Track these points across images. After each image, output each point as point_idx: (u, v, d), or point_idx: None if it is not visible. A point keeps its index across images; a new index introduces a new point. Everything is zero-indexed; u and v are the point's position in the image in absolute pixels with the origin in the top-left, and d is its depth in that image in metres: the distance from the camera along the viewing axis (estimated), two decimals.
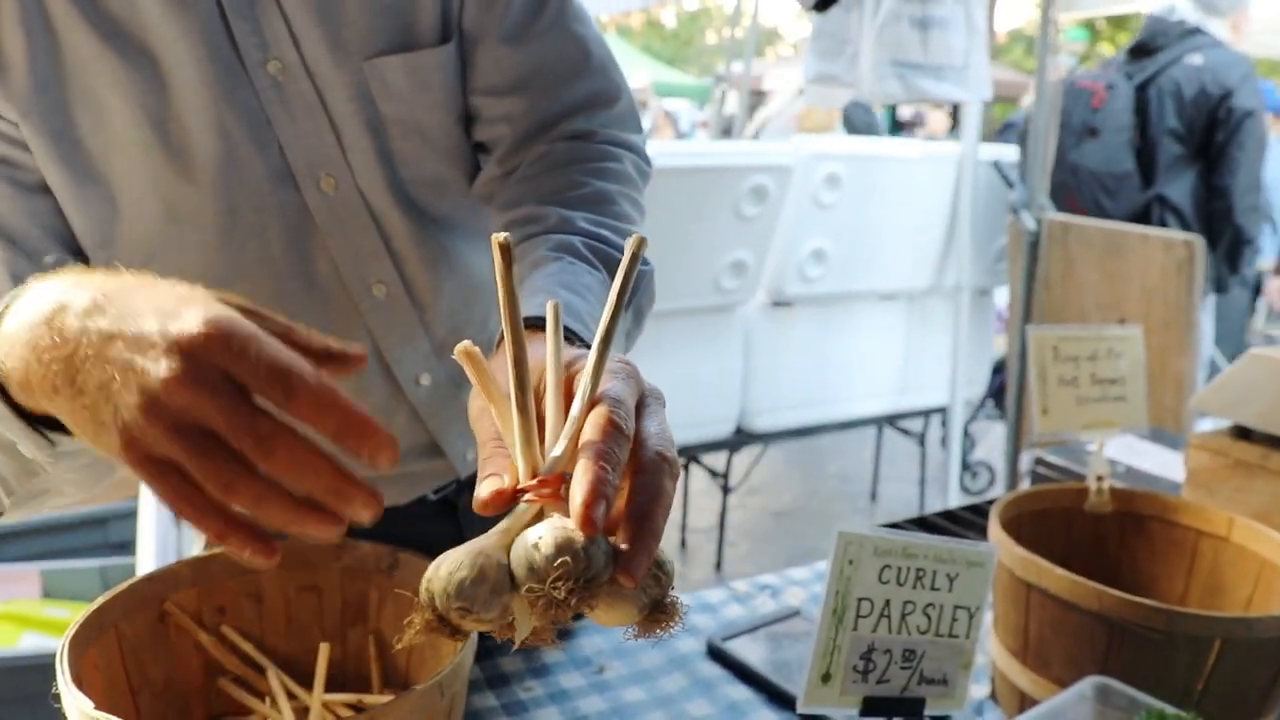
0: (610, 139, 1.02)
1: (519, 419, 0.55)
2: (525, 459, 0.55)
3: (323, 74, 0.93)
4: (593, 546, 0.51)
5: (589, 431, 0.54)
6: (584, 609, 0.53)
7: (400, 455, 1.09)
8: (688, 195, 3.40)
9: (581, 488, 0.51)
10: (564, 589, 0.50)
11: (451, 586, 0.51)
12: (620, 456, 0.53)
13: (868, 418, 4.47)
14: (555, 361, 0.59)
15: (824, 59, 3.76)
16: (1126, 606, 0.96)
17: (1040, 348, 1.25)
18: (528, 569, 0.51)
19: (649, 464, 0.54)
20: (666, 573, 0.55)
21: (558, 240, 0.87)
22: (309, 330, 0.59)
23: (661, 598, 0.55)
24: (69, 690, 0.78)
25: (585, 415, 0.55)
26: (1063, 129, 3.83)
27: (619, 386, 0.56)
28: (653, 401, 0.59)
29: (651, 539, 0.52)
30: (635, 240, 0.56)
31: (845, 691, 0.79)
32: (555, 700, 1.15)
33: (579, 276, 0.82)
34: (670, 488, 0.55)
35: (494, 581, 0.52)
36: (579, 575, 0.50)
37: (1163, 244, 3.18)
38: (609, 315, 0.56)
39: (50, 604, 2.52)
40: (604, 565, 0.51)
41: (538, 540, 0.51)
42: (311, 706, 1.00)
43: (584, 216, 0.91)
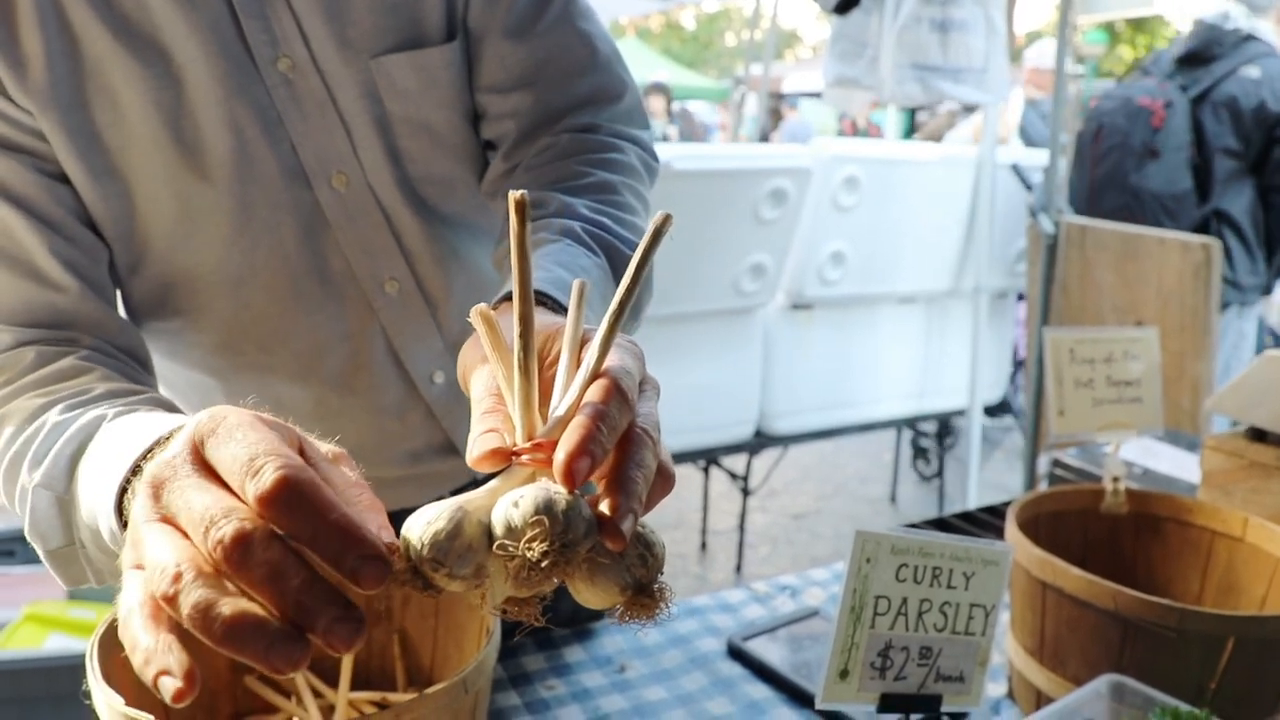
0: (615, 132, 1.03)
1: (520, 380, 0.54)
2: (524, 421, 0.54)
3: (332, 71, 0.95)
4: (572, 511, 0.49)
5: (592, 394, 0.53)
6: (562, 578, 0.51)
7: (417, 456, 1.11)
8: (707, 198, 3.41)
9: (569, 441, 0.50)
10: (539, 550, 0.48)
11: (426, 538, 0.50)
12: (618, 422, 0.52)
13: (887, 420, 4.47)
14: (573, 333, 0.58)
15: (843, 61, 3.77)
16: (1141, 605, 0.97)
17: (1057, 350, 1.26)
18: (505, 527, 0.49)
19: (636, 437, 0.54)
20: (655, 555, 0.54)
21: (559, 225, 0.87)
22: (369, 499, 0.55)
23: (648, 581, 0.53)
24: (100, 687, 0.79)
25: (589, 384, 0.54)
26: (1120, 150, 3.81)
27: (628, 360, 0.56)
28: (649, 388, 0.59)
29: (635, 503, 0.51)
30: (661, 217, 0.55)
31: (863, 688, 0.80)
32: (577, 699, 1.16)
33: (577, 259, 0.82)
34: (654, 465, 0.54)
35: (470, 538, 0.50)
36: (556, 537, 0.48)
37: (1180, 247, 3.17)
38: (624, 289, 0.55)
39: (75, 605, 2.54)
40: (584, 533, 0.49)
41: (518, 499, 0.50)
42: (337, 704, 1.02)
43: (586, 204, 0.92)
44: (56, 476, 0.75)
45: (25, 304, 0.89)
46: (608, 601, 0.53)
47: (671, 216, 0.54)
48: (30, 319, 0.89)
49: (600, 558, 0.52)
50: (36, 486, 0.76)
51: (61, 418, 0.77)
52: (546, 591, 0.53)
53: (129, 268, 0.98)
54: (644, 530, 0.54)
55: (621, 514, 0.50)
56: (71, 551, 0.77)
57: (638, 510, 0.51)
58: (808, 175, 3.61)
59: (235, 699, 1.03)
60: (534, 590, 0.52)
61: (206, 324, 0.99)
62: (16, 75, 0.86)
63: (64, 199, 0.92)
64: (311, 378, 1.04)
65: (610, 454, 0.53)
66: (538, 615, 0.54)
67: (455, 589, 0.51)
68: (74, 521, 0.74)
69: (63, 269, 0.90)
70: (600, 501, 0.51)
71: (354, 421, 1.06)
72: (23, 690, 2.13)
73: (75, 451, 0.74)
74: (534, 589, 0.52)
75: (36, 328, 0.89)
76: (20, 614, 2.45)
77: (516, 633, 0.58)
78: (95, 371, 0.85)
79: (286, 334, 1.01)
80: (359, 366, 1.04)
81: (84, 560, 0.77)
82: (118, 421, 0.71)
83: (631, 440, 0.54)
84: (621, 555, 0.52)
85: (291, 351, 1.02)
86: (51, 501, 0.75)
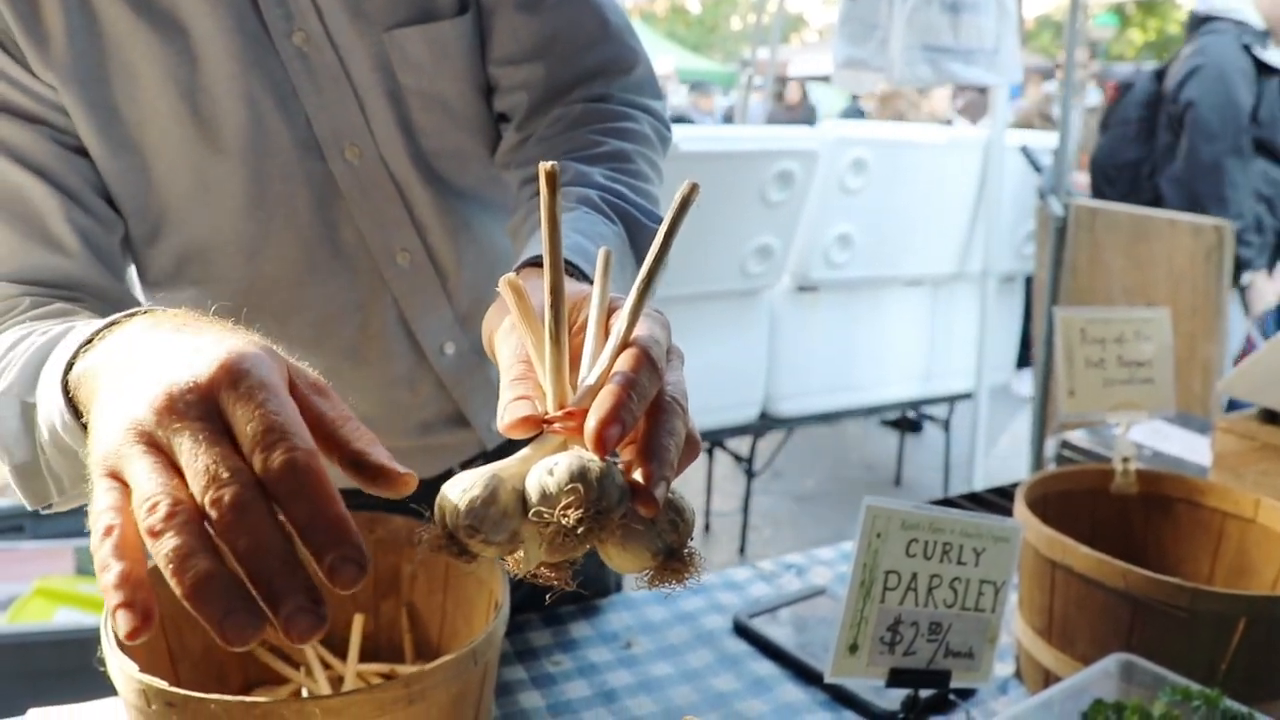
0: (627, 101, 1.03)
1: (551, 348, 0.54)
2: (555, 389, 0.54)
3: (345, 45, 0.95)
4: (607, 478, 0.50)
5: (622, 363, 0.53)
6: (595, 543, 0.52)
7: (427, 427, 1.11)
8: (714, 180, 3.40)
9: (600, 409, 0.50)
10: (574, 516, 0.49)
11: (462, 505, 0.51)
12: (648, 390, 0.53)
13: (892, 403, 4.47)
14: (600, 302, 0.59)
15: (852, 43, 3.75)
16: (1151, 584, 0.97)
17: (1068, 329, 1.25)
18: (540, 494, 0.50)
19: (666, 405, 0.54)
20: (686, 520, 0.55)
21: (576, 193, 0.87)
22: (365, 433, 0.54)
23: (679, 546, 0.54)
24: (115, 655, 0.80)
25: (619, 352, 0.55)
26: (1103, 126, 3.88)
27: (656, 330, 0.56)
28: (675, 358, 0.59)
29: (668, 470, 0.52)
30: (688, 186, 0.55)
31: (872, 662, 0.80)
32: (584, 674, 1.16)
33: (595, 226, 0.83)
34: (683, 433, 0.55)
35: (505, 505, 0.51)
36: (590, 504, 0.49)
37: (1191, 229, 3.15)
38: (653, 258, 0.55)
39: (83, 580, 2.56)
40: (617, 500, 0.50)
41: (552, 466, 0.50)
42: (346, 676, 1.02)
43: (601, 172, 0.92)
44: (21, 382, 0.75)
45: (33, 265, 0.90)
46: (639, 566, 0.54)
47: (698, 186, 0.54)
48: (35, 278, 0.90)
49: (633, 524, 0.52)
50: (1, 393, 0.76)
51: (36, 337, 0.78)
52: (578, 557, 0.54)
53: (145, 239, 0.99)
54: (674, 496, 0.55)
55: (654, 481, 0.51)
56: (35, 466, 0.77)
57: (669, 477, 0.52)
58: (815, 157, 3.60)
59: (245, 670, 1.04)
60: (566, 556, 0.53)
61: (221, 294, 1.00)
62: (39, 50, 0.86)
63: (82, 170, 0.93)
64: (324, 347, 1.04)
65: (640, 421, 0.53)
66: (568, 580, 0.55)
67: (490, 555, 0.52)
68: (36, 425, 0.73)
69: (74, 235, 0.91)
70: (633, 469, 0.52)
71: (365, 391, 1.07)
72: (33, 663, 2.15)
73: (41, 359, 0.74)
74: (567, 555, 0.53)
75: (39, 285, 0.90)
76: (30, 588, 2.46)
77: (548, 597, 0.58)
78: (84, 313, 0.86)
79: (300, 304, 1.02)
80: (370, 337, 1.05)
81: (46, 472, 0.77)
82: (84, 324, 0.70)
83: (662, 409, 0.54)
84: (653, 521, 0.53)
85: (304, 321, 1.02)
86: (17, 410, 0.76)
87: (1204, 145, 3.75)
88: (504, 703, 1.11)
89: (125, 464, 0.49)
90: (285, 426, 0.48)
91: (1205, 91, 3.73)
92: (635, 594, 1.35)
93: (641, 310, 0.56)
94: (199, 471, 0.47)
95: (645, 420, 0.54)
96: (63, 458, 0.72)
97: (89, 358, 0.61)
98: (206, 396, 0.50)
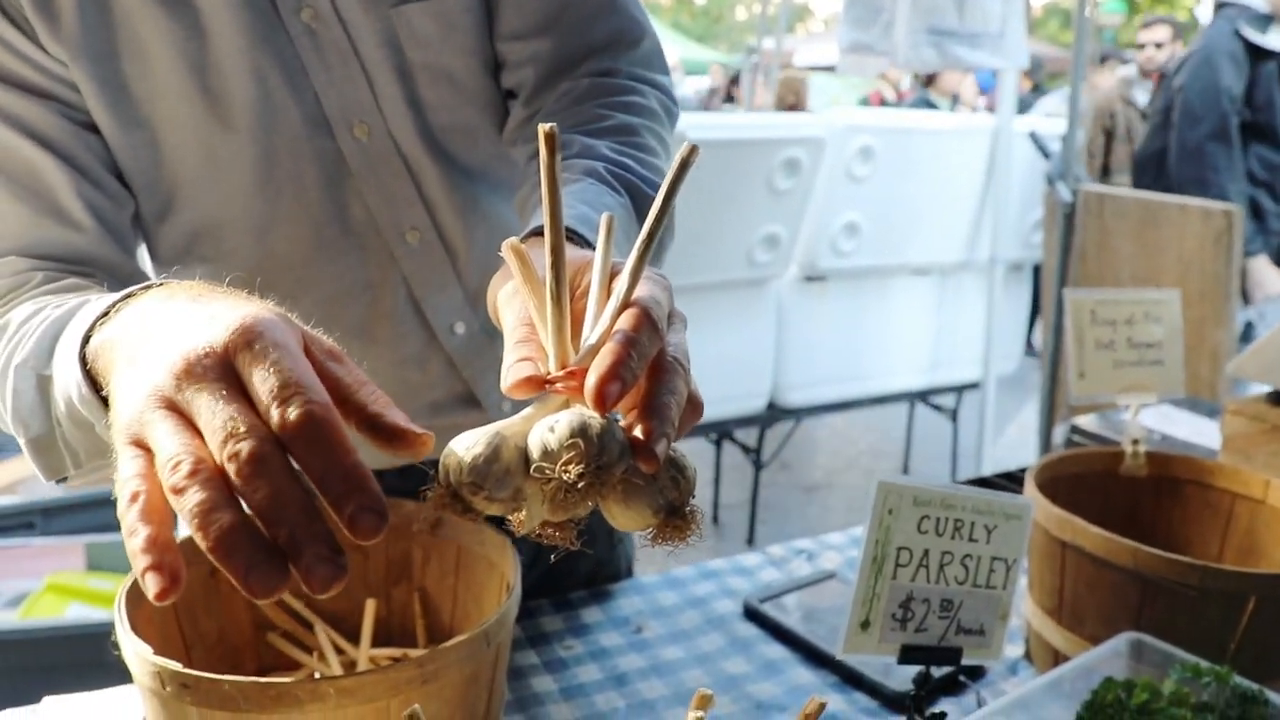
0: (634, 76, 1.03)
1: (553, 309, 0.55)
2: (557, 350, 0.55)
3: (353, 21, 0.95)
4: (607, 434, 0.50)
5: (622, 322, 0.54)
6: (597, 501, 0.53)
7: (438, 407, 1.12)
8: (720, 168, 3.40)
9: (600, 366, 0.51)
10: (574, 471, 0.49)
11: (465, 462, 0.51)
12: (648, 349, 0.53)
13: (900, 393, 4.46)
14: (602, 265, 0.59)
15: (858, 28, 3.73)
16: (1161, 563, 0.97)
17: (1078, 311, 1.25)
18: (542, 450, 0.51)
19: (668, 365, 0.55)
20: (687, 478, 0.55)
21: (582, 165, 0.88)
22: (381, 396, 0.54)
23: (680, 503, 0.54)
24: (129, 639, 0.80)
25: (620, 312, 0.55)
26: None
27: (657, 291, 0.57)
28: (677, 320, 0.60)
29: (669, 427, 0.52)
30: (687, 148, 0.55)
31: (884, 639, 0.80)
32: (595, 658, 1.17)
33: (601, 197, 0.83)
34: (685, 392, 0.55)
35: (508, 462, 0.52)
36: (591, 459, 0.49)
37: (1201, 214, 3.14)
38: (653, 219, 0.56)
39: (94, 576, 2.57)
40: (618, 456, 0.50)
41: (554, 424, 0.51)
42: (358, 660, 1.03)
43: (608, 145, 0.92)
44: (37, 355, 0.76)
45: (44, 240, 0.90)
46: (641, 524, 0.54)
47: (698, 148, 0.55)
48: (47, 253, 0.90)
49: (635, 480, 0.53)
50: (18, 366, 0.77)
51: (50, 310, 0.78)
52: (581, 516, 0.54)
53: (156, 216, 1.00)
54: (675, 454, 0.55)
55: (655, 437, 0.51)
56: (51, 438, 0.78)
57: (670, 434, 0.52)
58: (821, 145, 3.59)
59: (259, 654, 1.04)
60: (569, 514, 0.53)
61: (231, 271, 1.00)
62: (50, 25, 0.87)
63: (93, 146, 0.93)
64: (334, 326, 1.04)
65: (641, 380, 0.53)
66: (572, 539, 0.55)
67: (493, 512, 0.53)
68: (52, 397, 0.74)
69: (85, 210, 0.91)
70: (634, 426, 0.52)
71: (376, 371, 1.07)
72: (45, 659, 2.16)
73: (57, 332, 0.74)
74: (569, 512, 0.53)
75: (51, 260, 0.90)
76: (42, 584, 2.48)
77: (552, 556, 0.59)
78: (96, 288, 0.86)
79: (309, 282, 1.02)
80: (380, 315, 1.05)
81: (62, 444, 0.78)
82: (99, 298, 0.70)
83: (663, 368, 0.55)
84: (654, 478, 0.53)
85: (314, 300, 1.03)
86: (33, 382, 0.76)
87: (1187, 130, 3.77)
88: (516, 686, 1.11)
89: (148, 429, 0.50)
90: (300, 381, 0.49)
91: (1193, 77, 3.75)
92: (646, 579, 1.36)
93: (642, 272, 0.56)
94: (216, 429, 0.47)
95: (646, 379, 0.54)
96: (78, 431, 0.72)
97: (106, 330, 0.61)
98: (223, 360, 0.50)
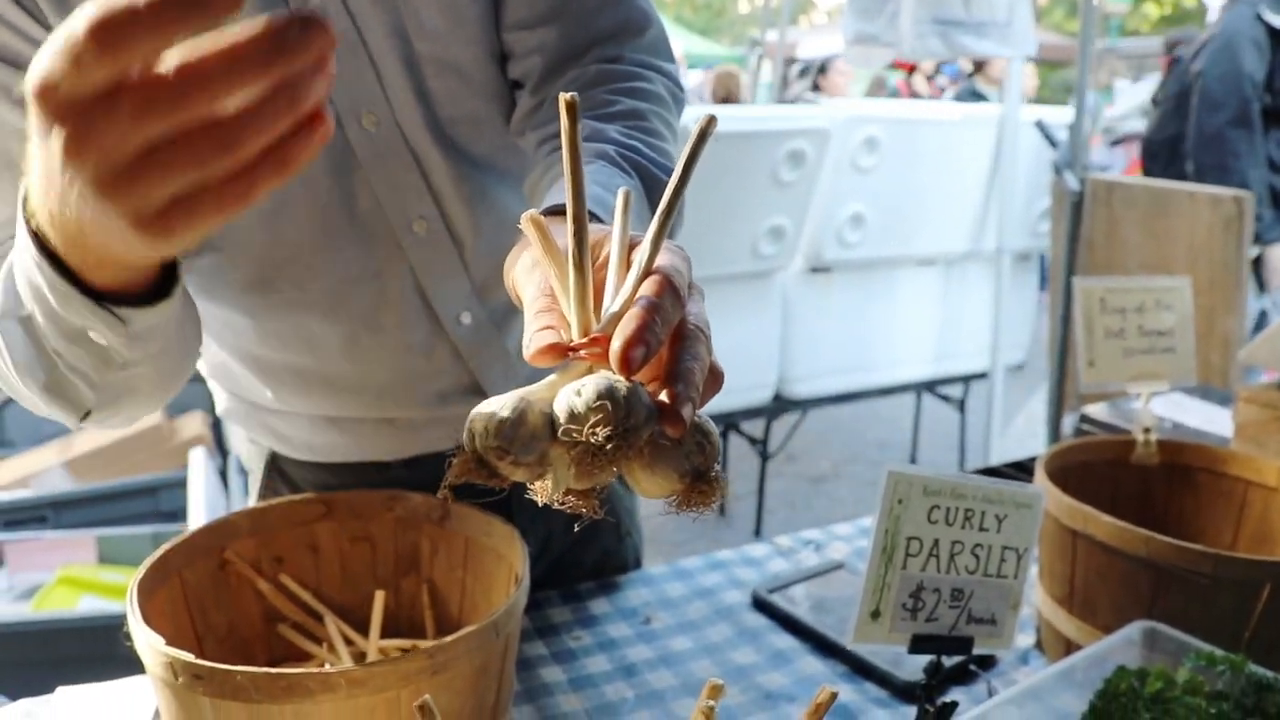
0: (641, 62, 1.03)
1: (575, 277, 0.54)
2: (580, 318, 0.55)
3: (361, 13, 0.95)
4: (633, 397, 0.50)
5: (645, 289, 0.54)
6: (623, 465, 0.53)
7: (444, 397, 1.12)
8: (725, 160, 3.39)
9: (625, 330, 0.51)
10: (602, 434, 0.49)
11: (492, 426, 0.51)
12: (670, 314, 0.53)
13: (907, 384, 4.46)
14: (621, 237, 0.59)
15: (863, 19, 3.72)
16: (1173, 551, 0.96)
17: (1088, 299, 1.24)
18: (569, 414, 0.51)
19: (689, 332, 0.55)
20: (712, 443, 0.55)
21: (593, 149, 0.88)
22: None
23: (705, 468, 0.54)
24: (141, 629, 0.80)
25: (641, 280, 0.55)
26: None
27: (678, 261, 0.57)
28: (696, 292, 0.60)
29: (694, 391, 0.52)
30: (705, 119, 0.55)
31: (894, 629, 0.80)
32: (604, 649, 1.17)
33: (612, 179, 0.83)
34: (707, 358, 0.55)
35: (534, 426, 0.52)
36: (619, 421, 0.49)
37: (1211, 201, 3.13)
38: (672, 189, 0.56)
39: (106, 569, 2.58)
40: (644, 419, 0.50)
41: (580, 388, 0.51)
42: (368, 652, 1.03)
43: (617, 129, 0.92)
44: (7, 300, 0.75)
45: None
46: (666, 489, 0.54)
47: (715, 119, 0.55)
48: None
49: (660, 444, 0.53)
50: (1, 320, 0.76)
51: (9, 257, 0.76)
52: (604, 483, 0.54)
53: None
54: (700, 419, 0.55)
55: (680, 401, 0.51)
56: (57, 374, 0.77)
57: (695, 399, 0.52)
58: (826, 136, 3.58)
59: (269, 646, 1.04)
60: (594, 480, 0.53)
61: (241, 260, 1.00)
62: (59, 8, 0.86)
63: None
64: (341, 314, 1.05)
65: (664, 346, 0.54)
66: (595, 508, 0.55)
67: (518, 477, 0.53)
68: (39, 331, 0.73)
69: None
70: (658, 392, 0.52)
71: (383, 359, 1.08)
72: (58, 650, 2.17)
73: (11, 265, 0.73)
74: (595, 478, 0.53)
75: None
76: (53, 577, 2.49)
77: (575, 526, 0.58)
78: None
79: (317, 270, 1.02)
80: (387, 304, 1.05)
81: (69, 374, 0.77)
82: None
83: (685, 335, 0.55)
84: (680, 443, 0.53)
85: (322, 288, 1.03)
86: (16, 325, 0.75)
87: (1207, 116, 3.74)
88: (525, 677, 1.11)
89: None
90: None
91: (1213, 62, 3.72)
92: (654, 570, 1.35)
93: (662, 241, 0.56)
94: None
95: (669, 347, 0.54)
96: (75, 346, 0.72)
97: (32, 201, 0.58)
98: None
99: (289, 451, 1.20)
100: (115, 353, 0.72)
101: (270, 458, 1.23)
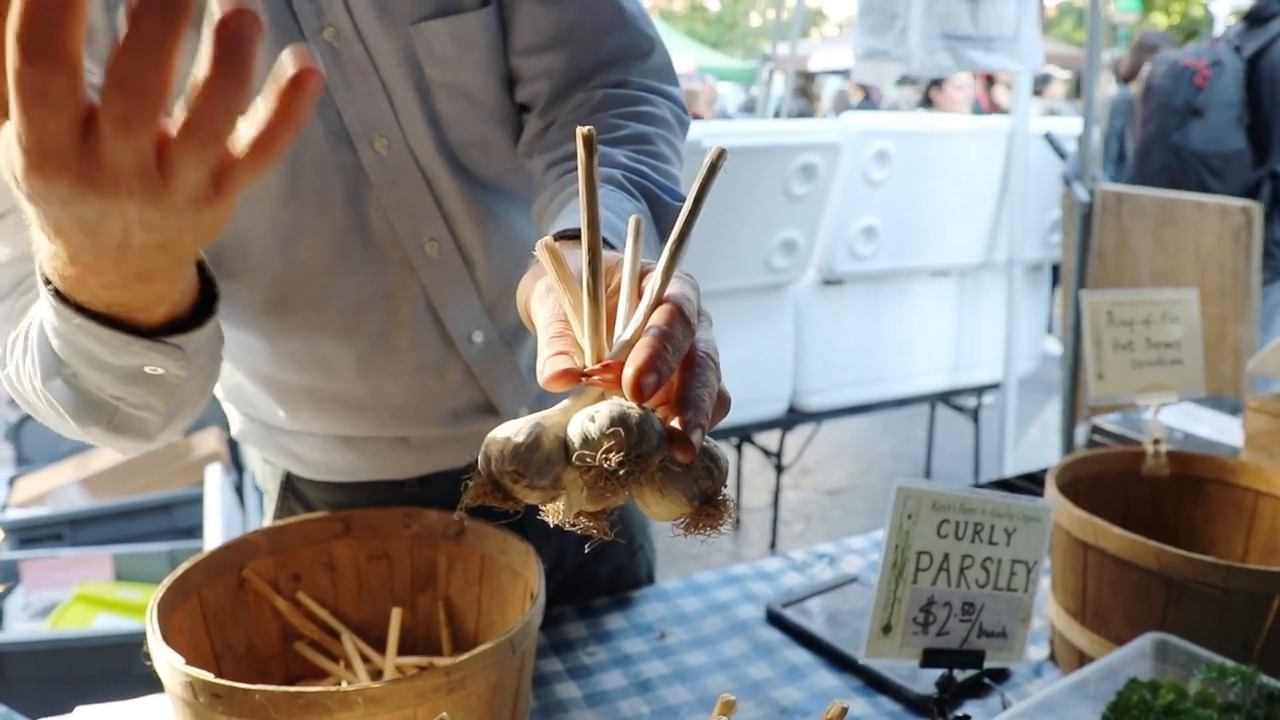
0: (646, 87, 1.06)
1: (589, 305, 0.56)
2: (593, 345, 0.56)
3: (373, 39, 0.98)
4: (646, 423, 0.52)
5: (656, 317, 0.55)
6: (634, 489, 0.54)
7: (458, 415, 1.13)
8: (737, 175, 3.40)
9: (637, 359, 0.52)
10: (615, 459, 0.51)
11: (507, 450, 0.53)
12: (681, 343, 0.55)
13: (920, 395, 4.45)
14: (632, 265, 0.61)
15: (872, 34, 3.73)
16: (1185, 564, 0.97)
17: (1095, 312, 1.25)
18: (583, 439, 0.52)
19: (699, 359, 0.57)
20: (720, 468, 0.56)
21: (600, 173, 0.89)
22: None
23: (713, 492, 0.56)
24: (160, 648, 0.82)
25: (653, 309, 0.57)
26: (1164, 110, 3.78)
27: (688, 290, 0.59)
28: (705, 319, 0.61)
29: (703, 418, 0.54)
30: (716, 151, 0.57)
31: (906, 643, 0.80)
32: (619, 664, 1.17)
33: (620, 203, 0.85)
34: (716, 385, 0.57)
35: (549, 451, 0.53)
36: (631, 447, 0.51)
37: (1219, 211, 3.13)
38: (683, 221, 0.58)
39: (122, 586, 2.60)
40: (656, 445, 0.52)
41: (594, 414, 0.52)
42: (385, 669, 1.04)
43: (624, 153, 0.94)
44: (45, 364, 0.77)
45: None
46: (676, 513, 0.56)
47: (725, 151, 0.56)
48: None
49: (670, 468, 0.54)
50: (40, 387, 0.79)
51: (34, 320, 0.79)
52: (615, 506, 0.55)
53: None
54: (709, 444, 0.57)
55: (690, 427, 0.53)
56: (115, 410, 0.80)
57: (705, 425, 0.54)
58: (837, 150, 3.59)
59: (286, 664, 1.05)
60: (606, 503, 0.55)
61: (258, 284, 1.02)
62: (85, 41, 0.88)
63: None
64: (355, 335, 1.06)
65: (675, 373, 0.55)
66: (606, 529, 0.56)
67: (533, 500, 0.54)
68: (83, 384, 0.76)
69: None
70: (669, 418, 0.54)
71: (396, 379, 1.09)
72: (74, 668, 2.19)
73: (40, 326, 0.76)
74: (606, 501, 0.54)
75: None
76: (70, 594, 2.51)
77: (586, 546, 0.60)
78: None
79: (331, 291, 1.04)
80: (400, 324, 1.07)
81: (135, 412, 0.80)
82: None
83: (695, 362, 0.56)
84: (689, 468, 0.55)
85: (336, 309, 1.05)
86: (63, 384, 0.78)
87: None
88: (541, 694, 1.12)
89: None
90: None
91: None
92: (668, 585, 1.36)
93: (674, 270, 0.58)
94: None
95: (679, 373, 0.56)
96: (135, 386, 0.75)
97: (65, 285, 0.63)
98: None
99: (304, 472, 1.21)
100: (172, 377, 0.75)
101: (285, 478, 1.24)
